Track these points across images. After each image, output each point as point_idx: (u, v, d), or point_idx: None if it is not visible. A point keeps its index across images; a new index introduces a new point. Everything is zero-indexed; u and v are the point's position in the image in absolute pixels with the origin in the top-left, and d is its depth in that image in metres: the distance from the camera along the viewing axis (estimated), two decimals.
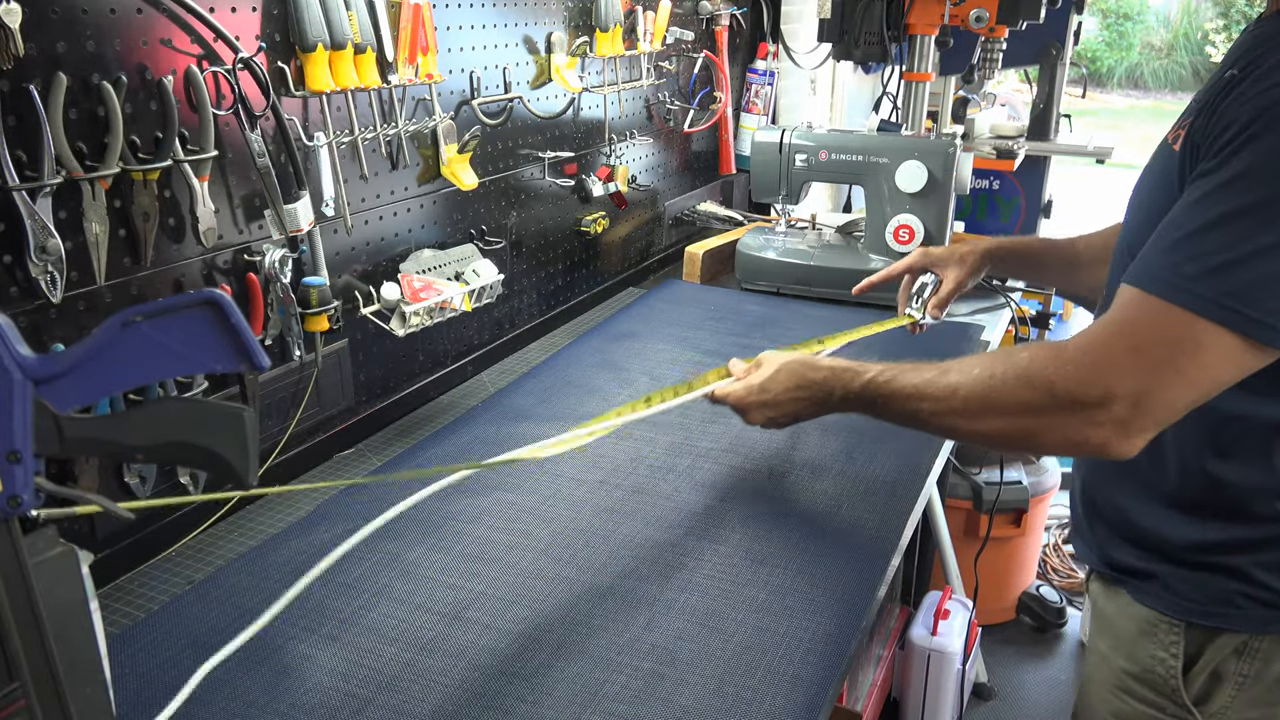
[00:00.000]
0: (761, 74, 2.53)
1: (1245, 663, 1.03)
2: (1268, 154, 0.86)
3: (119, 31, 1.04)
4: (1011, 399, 0.97)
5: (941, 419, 1.04)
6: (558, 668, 0.96)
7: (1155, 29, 12.94)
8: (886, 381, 1.10)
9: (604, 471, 1.34)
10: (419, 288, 1.43)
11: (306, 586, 0.89)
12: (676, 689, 0.94)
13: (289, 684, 0.94)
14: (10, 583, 0.65)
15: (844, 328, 1.87)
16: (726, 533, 1.19)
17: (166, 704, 0.91)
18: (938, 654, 2.15)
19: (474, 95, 1.58)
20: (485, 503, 1.26)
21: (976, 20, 2.09)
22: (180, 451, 0.69)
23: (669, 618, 1.04)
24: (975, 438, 1.05)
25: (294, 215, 1.24)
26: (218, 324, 0.67)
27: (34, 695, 0.67)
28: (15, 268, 0.98)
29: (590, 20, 1.83)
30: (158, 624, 1.03)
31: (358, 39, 1.29)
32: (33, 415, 0.64)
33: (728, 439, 1.43)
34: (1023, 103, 3.20)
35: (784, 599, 1.07)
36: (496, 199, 1.70)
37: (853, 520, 1.22)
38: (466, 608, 1.06)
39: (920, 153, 1.88)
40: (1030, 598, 2.84)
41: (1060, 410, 0.93)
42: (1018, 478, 2.63)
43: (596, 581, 1.10)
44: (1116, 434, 0.91)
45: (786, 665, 0.97)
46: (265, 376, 1.27)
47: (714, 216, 2.39)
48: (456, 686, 0.94)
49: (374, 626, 1.03)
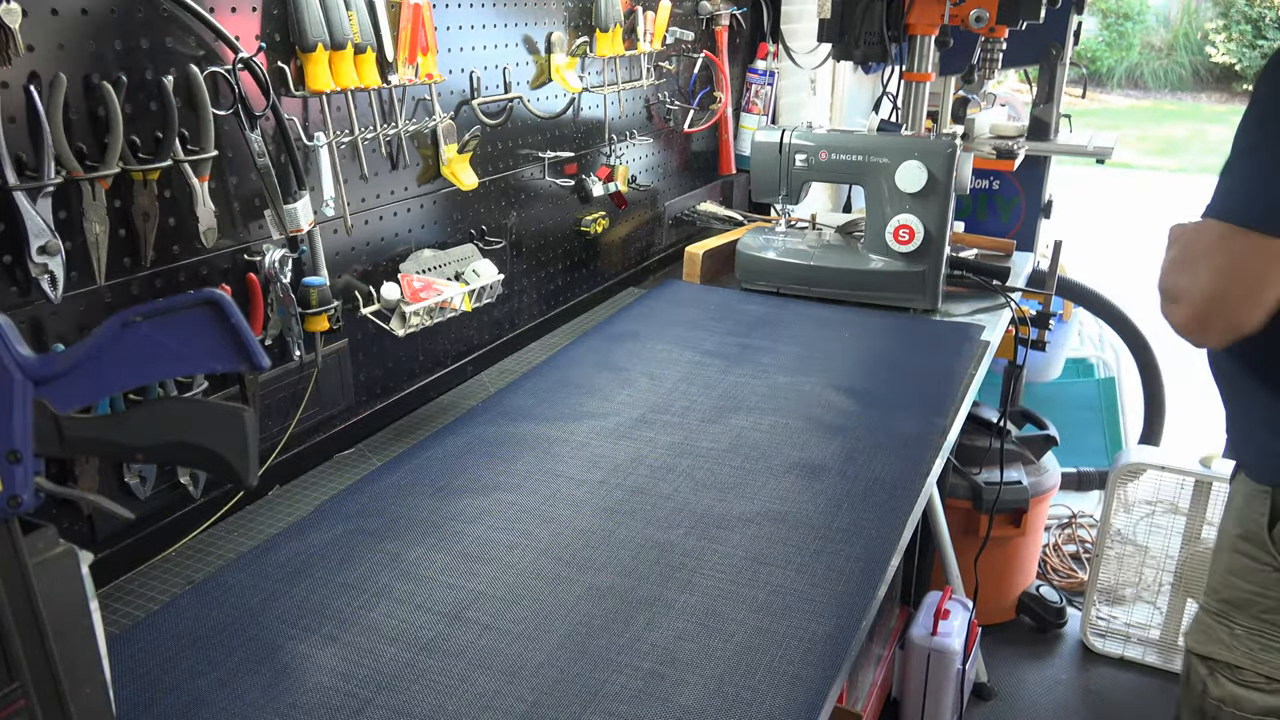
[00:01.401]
0: (761, 74, 2.53)
1: None
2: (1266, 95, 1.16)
3: (119, 31, 1.04)
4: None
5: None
6: (557, 668, 0.96)
7: (1155, 29, 12.94)
8: None
9: (604, 471, 1.34)
10: (419, 288, 1.43)
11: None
12: (676, 689, 0.94)
13: (288, 684, 0.94)
14: (10, 583, 0.65)
15: (845, 327, 1.88)
16: (726, 533, 1.19)
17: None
18: (938, 654, 2.15)
19: (474, 95, 1.58)
20: (485, 503, 1.26)
21: (976, 20, 2.09)
22: (180, 451, 0.69)
23: (669, 618, 1.04)
24: None
25: (294, 215, 1.24)
26: (218, 324, 0.67)
27: (34, 695, 0.67)
28: (15, 268, 0.98)
29: (590, 20, 1.83)
30: (157, 624, 1.03)
31: (358, 39, 1.29)
32: (33, 415, 0.64)
33: (728, 439, 1.43)
34: (1023, 103, 3.20)
35: (784, 599, 1.07)
36: (496, 199, 1.70)
37: (853, 521, 1.22)
38: (466, 607, 1.06)
39: (920, 153, 1.88)
40: (1030, 598, 2.84)
41: (1164, 303, 1.22)
42: (1018, 478, 2.63)
43: (596, 581, 1.10)
44: (1187, 321, 1.17)
45: (786, 665, 0.97)
46: (265, 376, 1.27)
47: (714, 216, 2.39)
48: (456, 686, 0.94)
49: (374, 626, 1.03)
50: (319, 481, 1.35)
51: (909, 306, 1.97)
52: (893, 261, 1.95)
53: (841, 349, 1.76)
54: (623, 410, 1.52)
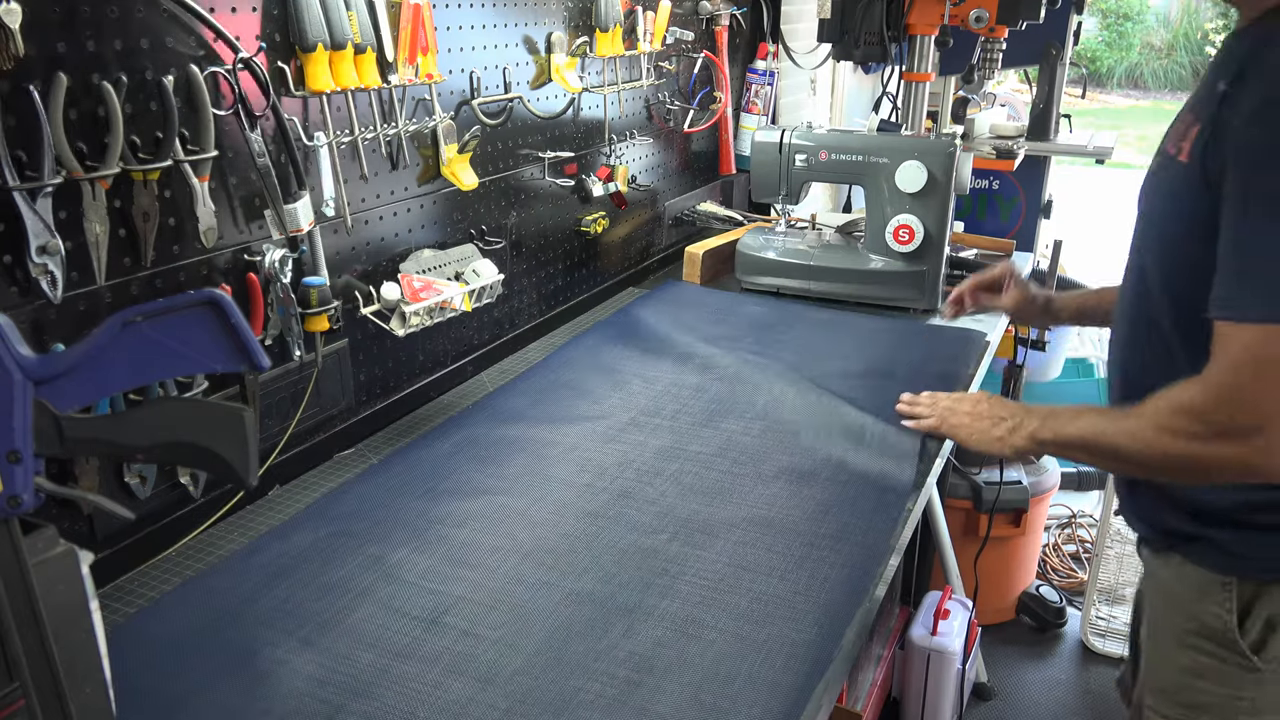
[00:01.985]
0: (761, 74, 2.53)
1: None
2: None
3: (119, 31, 1.04)
4: (1170, 447, 1.06)
5: (1116, 470, 1.28)
6: (532, 674, 0.95)
7: (1155, 29, 12.94)
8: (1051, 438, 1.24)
9: (591, 475, 1.33)
10: (419, 288, 1.43)
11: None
12: (653, 696, 0.92)
13: (263, 689, 0.93)
14: (10, 583, 0.65)
15: (844, 329, 1.87)
16: (711, 539, 1.18)
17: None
18: (938, 654, 2.15)
19: (474, 95, 1.58)
20: (472, 505, 1.25)
21: (976, 20, 2.09)
22: (180, 451, 0.69)
23: (648, 625, 1.03)
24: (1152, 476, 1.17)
25: (294, 215, 1.24)
26: (218, 324, 0.67)
27: (34, 695, 0.67)
28: (15, 268, 0.98)
29: (590, 20, 1.83)
30: (137, 627, 1.03)
31: (358, 39, 1.29)
32: (33, 415, 0.64)
33: (718, 443, 1.41)
34: (1023, 103, 3.20)
35: (766, 606, 1.05)
36: (496, 199, 1.70)
37: (840, 527, 1.20)
38: (445, 612, 1.05)
39: (920, 153, 1.88)
40: (1030, 598, 2.84)
41: (1218, 440, 1.01)
42: (1017, 478, 2.63)
43: (577, 587, 1.09)
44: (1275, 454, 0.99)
45: (766, 673, 0.95)
46: (265, 376, 1.27)
47: (714, 216, 2.39)
48: (429, 693, 0.93)
49: (352, 630, 1.02)
50: (319, 481, 1.35)
51: (909, 306, 1.97)
52: (893, 261, 1.95)
53: (838, 352, 1.75)
54: (614, 413, 1.52)
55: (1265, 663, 1.16)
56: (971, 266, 2.12)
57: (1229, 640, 1.17)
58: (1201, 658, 1.19)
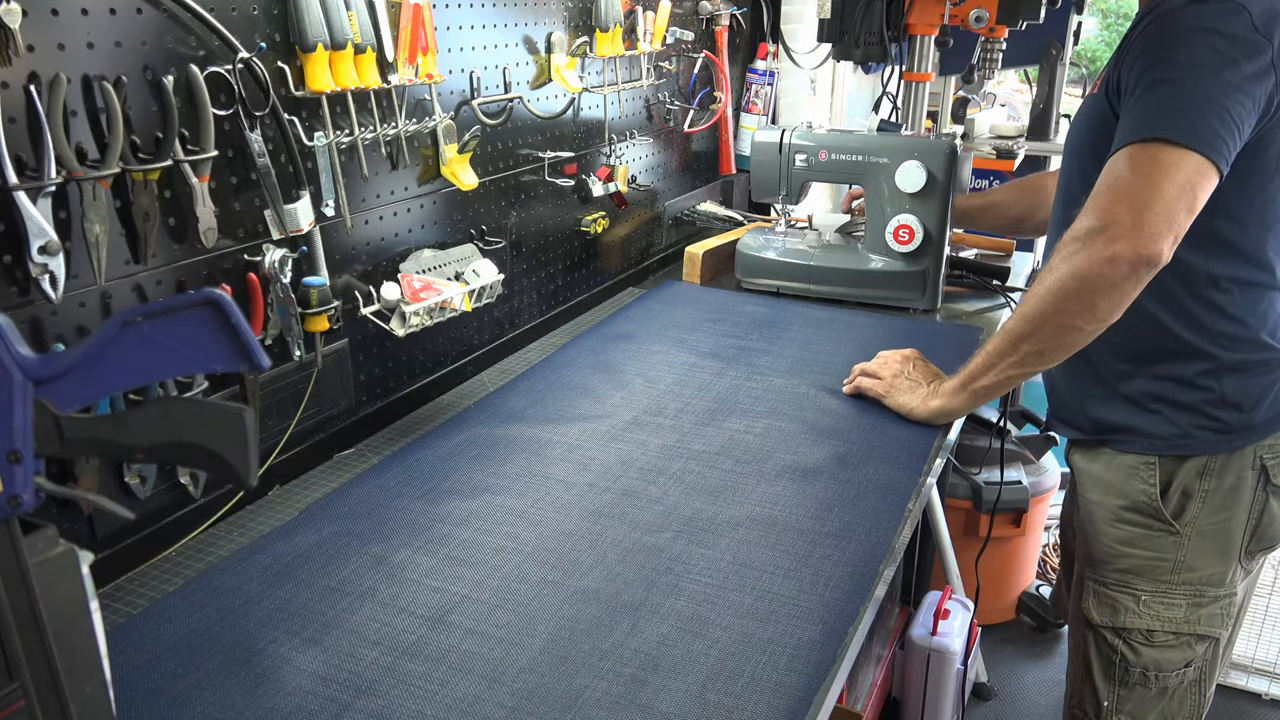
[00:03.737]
0: (761, 74, 2.53)
1: (1206, 480, 1.41)
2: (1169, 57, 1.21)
3: (119, 31, 1.04)
4: (1054, 283, 1.26)
5: (1029, 363, 1.35)
6: (538, 672, 0.95)
7: None
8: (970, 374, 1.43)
9: (594, 474, 1.33)
10: (419, 288, 1.43)
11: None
12: (658, 695, 0.92)
13: (267, 687, 0.93)
14: (10, 583, 0.65)
15: (844, 328, 1.87)
16: (714, 537, 1.18)
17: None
18: (938, 654, 2.15)
19: (474, 95, 1.58)
20: (474, 505, 1.25)
21: (976, 20, 2.09)
22: (180, 451, 0.69)
23: (653, 623, 1.03)
24: (1057, 332, 1.30)
25: (294, 215, 1.24)
26: (218, 324, 0.67)
27: (34, 695, 0.67)
28: (15, 268, 0.98)
29: (590, 20, 1.83)
30: (139, 626, 1.03)
31: (358, 39, 1.29)
32: (33, 415, 0.64)
33: (720, 442, 1.42)
34: (1023, 103, 3.20)
35: (770, 605, 1.06)
36: (496, 199, 1.70)
37: (844, 526, 1.20)
38: (450, 611, 1.05)
39: (920, 153, 1.88)
40: (1030, 598, 2.84)
41: (1089, 242, 1.21)
42: (1018, 478, 2.63)
43: (581, 586, 1.09)
44: (1133, 241, 1.17)
45: (770, 672, 0.95)
46: (265, 376, 1.27)
47: (714, 216, 2.39)
48: (436, 691, 0.93)
49: (356, 629, 1.02)
50: (319, 481, 1.35)
51: (909, 306, 1.97)
52: (892, 261, 1.95)
53: (839, 351, 1.75)
54: (616, 412, 1.52)
55: (1183, 526, 1.42)
56: (971, 266, 2.12)
57: (1154, 510, 1.43)
58: (1132, 529, 1.45)
